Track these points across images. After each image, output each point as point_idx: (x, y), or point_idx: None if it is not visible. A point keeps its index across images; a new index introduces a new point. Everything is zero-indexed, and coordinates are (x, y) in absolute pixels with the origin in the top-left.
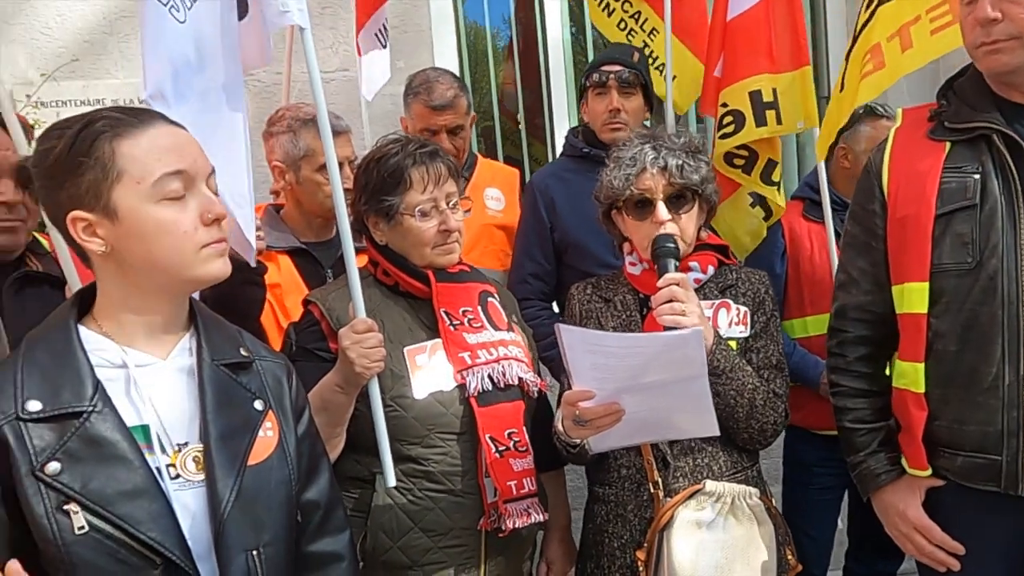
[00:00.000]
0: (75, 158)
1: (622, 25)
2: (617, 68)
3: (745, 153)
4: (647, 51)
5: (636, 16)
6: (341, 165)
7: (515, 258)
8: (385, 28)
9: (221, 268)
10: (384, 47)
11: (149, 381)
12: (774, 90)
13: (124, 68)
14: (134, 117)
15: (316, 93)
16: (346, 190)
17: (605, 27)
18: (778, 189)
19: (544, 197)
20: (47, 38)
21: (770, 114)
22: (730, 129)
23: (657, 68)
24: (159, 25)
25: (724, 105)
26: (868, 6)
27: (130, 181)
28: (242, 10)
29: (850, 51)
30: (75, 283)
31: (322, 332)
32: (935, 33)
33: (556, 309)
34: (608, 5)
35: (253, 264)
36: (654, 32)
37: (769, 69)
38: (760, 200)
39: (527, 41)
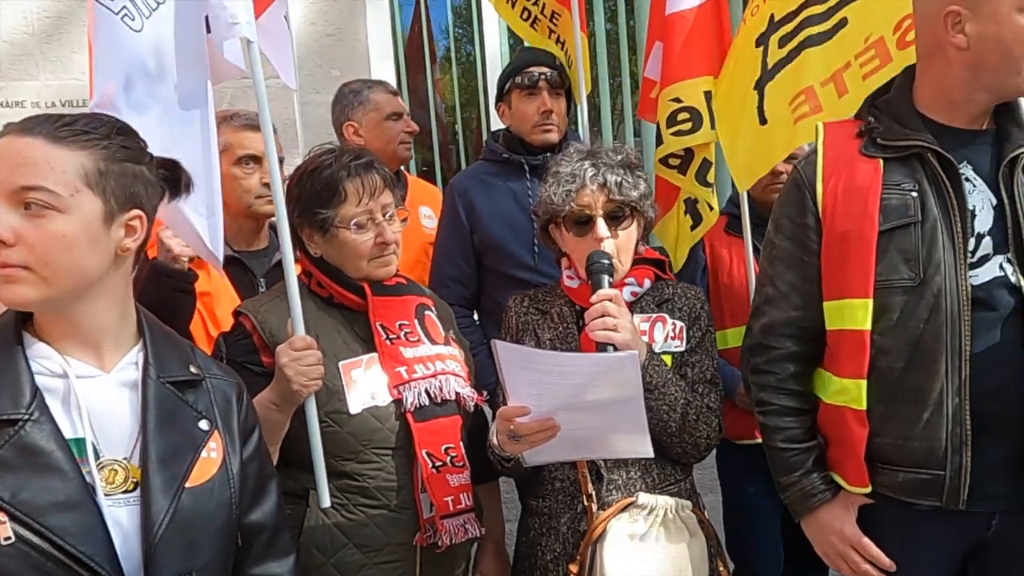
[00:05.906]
0: None
1: (524, 14)
2: (546, 69)
3: (681, 153)
4: (565, 51)
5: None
6: (259, 159)
7: (434, 261)
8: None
9: (7, 297)
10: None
11: (89, 393)
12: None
13: (45, 70)
14: None
15: (261, 102)
16: (264, 184)
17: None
18: (712, 191)
19: (464, 200)
20: None
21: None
22: (687, 127)
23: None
24: (110, 33)
25: (677, 100)
26: (780, 44)
27: None
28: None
29: (760, 81)
30: None
31: (254, 345)
32: (866, 78)
33: (476, 317)
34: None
35: (220, 272)
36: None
37: (714, 72)
38: (690, 207)
39: (465, 52)
